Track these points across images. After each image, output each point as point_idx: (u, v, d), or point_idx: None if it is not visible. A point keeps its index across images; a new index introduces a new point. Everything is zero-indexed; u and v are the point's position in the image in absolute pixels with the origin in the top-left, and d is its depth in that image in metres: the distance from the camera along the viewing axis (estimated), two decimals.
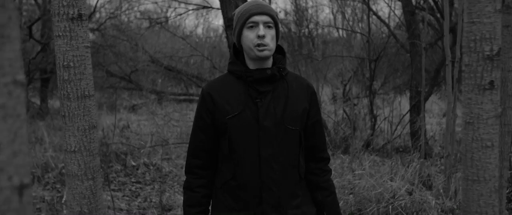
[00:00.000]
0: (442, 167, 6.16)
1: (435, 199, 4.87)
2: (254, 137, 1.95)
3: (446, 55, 5.05)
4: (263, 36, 1.92)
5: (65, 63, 1.88)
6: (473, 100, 1.59)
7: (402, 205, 4.67)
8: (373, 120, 7.25)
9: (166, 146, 7.09)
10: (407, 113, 7.34)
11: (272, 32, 1.97)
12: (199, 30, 19.44)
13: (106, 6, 13.00)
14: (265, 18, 1.96)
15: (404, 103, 9.78)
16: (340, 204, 4.41)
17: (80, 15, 1.88)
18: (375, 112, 7.34)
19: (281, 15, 14.19)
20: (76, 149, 1.94)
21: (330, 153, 6.64)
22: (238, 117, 1.94)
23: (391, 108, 8.76)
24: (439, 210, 4.66)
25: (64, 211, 4.73)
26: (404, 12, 7.44)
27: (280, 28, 2.08)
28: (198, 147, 2.04)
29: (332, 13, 15.18)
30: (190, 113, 11.27)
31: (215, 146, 2.03)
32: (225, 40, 15.27)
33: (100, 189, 2.00)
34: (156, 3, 12.34)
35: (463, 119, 1.65)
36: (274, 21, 1.97)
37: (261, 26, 1.94)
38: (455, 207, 4.65)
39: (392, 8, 10.34)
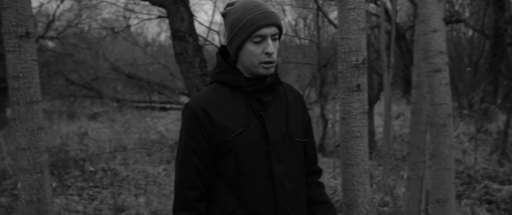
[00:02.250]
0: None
1: (373, 194, 5.37)
2: (264, 155, 1.76)
3: (383, 62, 5.57)
4: (272, 53, 1.74)
5: (14, 74, 2.26)
6: (345, 100, 2.05)
7: (341, 200, 5.16)
8: (324, 123, 7.75)
9: (123, 151, 7.43)
10: None
11: (277, 44, 1.79)
12: (163, 37, 19.72)
13: (66, 13, 13.21)
14: (273, 30, 1.75)
15: None
16: None
17: (27, 33, 2.26)
18: (326, 116, 7.83)
19: None
20: (26, 146, 2.31)
21: None
22: (244, 134, 1.74)
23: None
24: (376, 204, 5.16)
25: None
26: None
27: None
28: (194, 176, 1.76)
29: (292, 19, 15.70)
30: (154, 119, 11.59)
31: (211, 172, 1.79)
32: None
33: (47, 181, 2.38)
34: (117, 11, 12.64)
35: (340, 115, 2.10)
36: (280, 31, 1.79)
37: (269, 41, 1.74)
38: (390, 200, 5.15)
39: None
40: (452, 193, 2.96)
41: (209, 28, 5.48)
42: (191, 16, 4.62)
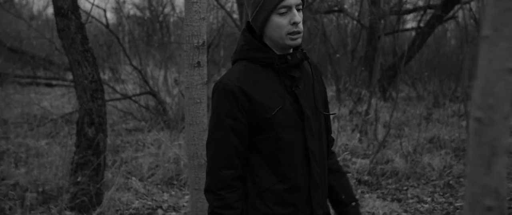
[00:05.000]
0: None
1: None
2: (299, 130, 1.84)
3: None
4: (299, 23, 1.77)
5: None
6: (189, 74, 2.67)
7: None
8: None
9: (4, 125, 7.58)
10: None
11: (301, 14, 1.82)
12: (50, 10, 19.25)
13: None
14: (297, 0, 1.79)
15: None
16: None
17: None
18: (208, 96, 8.48)
19: None
20: None
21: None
22: (281, 110, 1.80)
23: None
24: None
25: None
26: (236, 1, 8.69)
27: None
28: (232, 154, 1.81)
29: None
30: (38, 94, 11.57)
31: (247, 149, 1.84)
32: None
33: None
34: None
35: (185, 86, 2.73)
36: (303, 2, 1.83)
37: (295, 11, 1.78)
38: None
39: None
40: None
41: (93, 4, 5.86)
42: None
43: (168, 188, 5.47)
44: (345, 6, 12.52)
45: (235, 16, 9.96)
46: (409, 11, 12.67)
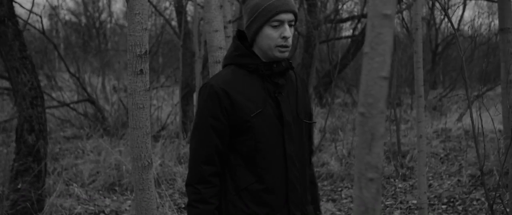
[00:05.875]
0: None
1: (185, 170, 6.32)
2: (278, 134, 1.94)
3: (196, 52, 6.52)
4: (288, 38, 1.90)
5: None
6: (132, 81, 2.87)
7: (157, 174, 6.02)
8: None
9: None
10: (177, 102, 8.80)
11: (292, 30, 1.95)
12: None
13: None
14: (290, 16, 1.91)
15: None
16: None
17: None
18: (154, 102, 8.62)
19: (71, 4, 14.66)
20: None
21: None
22: (261, 114, 1.90)
23: (171, 98, 10.20)
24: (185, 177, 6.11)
25: None
26: (175, 9, 8.87)
27: None
28: (212, 152, 1.93)
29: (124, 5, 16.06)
30: None
31: (226, 149, 1.96)
32: None
33: None
34: None
35: (127, 93, 2.92)
36: (296, 19, 1.95)
37: (286, 26, 1.90)
38: None
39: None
40: None
41: (30, 11, 5.90)
42: (10, 1, 5.03)
43: (109, 193, 5.58)
44: None
45: (174, 23, 10.12)
46: (344, 20, 13.24)
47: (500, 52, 3.68)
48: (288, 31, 1.90)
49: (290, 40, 1.92)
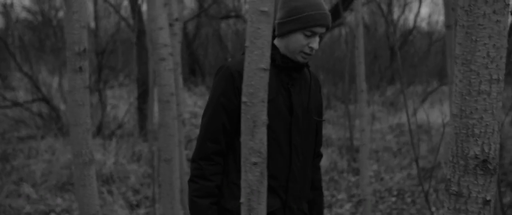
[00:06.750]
0: None
1: (139, 168, 6.36)
2: (286, 124, 2.00)
3: (148, 50, 6.54)
4: (315, 49, 1.99)
5: None
6: (72, 78, 2.91)
7: (110, 172, 6.06)
8: (103, 107, 8.50)
9: None
10: (133, 101, 8.81)
11: (320, 39, 2.04)
12: None
13: None
14: (323, 30, 2.00)
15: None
16: None
17: None
18: (104, 100, 8.59)
19: (26, 2, 14.42)
20: None
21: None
22: (272, 102, 1.91)
23: (129, 97, 10.18)
24: (140, 175, 6.16)
25: None
26: (130, 6, 8.85)
27: None
28: (219, 130, 1.99)
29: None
30: None
31: (234, 130, 1.99)
32: None
33: None
34: None
35: (67, 89, 2.96)
36: (326, 31, 2.03)
37: (317, 38, 1.99)
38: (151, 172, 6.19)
39: None
40: (176, 154, 4.02)
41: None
42: None
43: (61, 192, 5.58)
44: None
45: (131, 21, 10.10)
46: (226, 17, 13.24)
47: (446, 48, 3.84)
48: (317, 44, 1.99)
49: (315, 51, 2.00)
